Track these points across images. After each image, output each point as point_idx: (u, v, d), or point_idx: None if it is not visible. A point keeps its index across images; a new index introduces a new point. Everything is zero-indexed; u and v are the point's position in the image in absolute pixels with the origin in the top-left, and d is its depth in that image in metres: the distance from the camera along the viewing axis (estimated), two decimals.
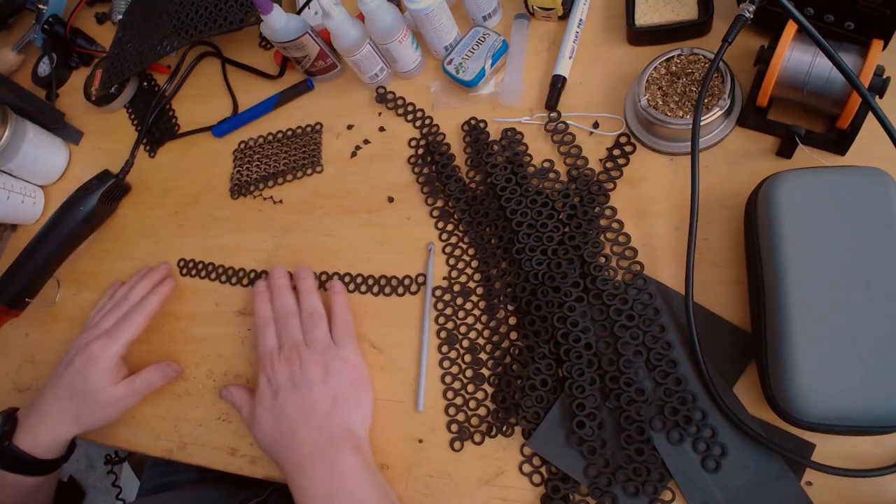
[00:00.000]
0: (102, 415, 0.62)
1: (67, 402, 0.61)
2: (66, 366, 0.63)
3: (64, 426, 0.61)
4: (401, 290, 0.64)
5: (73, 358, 0.62)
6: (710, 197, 0.55)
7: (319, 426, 0.53)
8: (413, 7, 0.62)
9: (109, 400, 0.62)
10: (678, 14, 0.60)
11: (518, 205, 0.60)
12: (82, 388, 0.61)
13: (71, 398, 0.61)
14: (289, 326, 0.58)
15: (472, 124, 0.67)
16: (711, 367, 0.50)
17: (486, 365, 0.58)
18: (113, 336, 0.63)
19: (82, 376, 0.61)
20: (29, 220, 0.87)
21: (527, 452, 0.54)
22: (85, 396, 0.61)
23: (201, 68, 0.87)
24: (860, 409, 0.41)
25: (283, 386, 0.55)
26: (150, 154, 0.84)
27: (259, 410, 0.55)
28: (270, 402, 0.55)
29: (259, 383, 0.57)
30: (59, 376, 0.62)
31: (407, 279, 0.64)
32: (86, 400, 0.61)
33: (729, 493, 0.47)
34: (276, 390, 0.55)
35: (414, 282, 0.63)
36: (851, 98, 0.48)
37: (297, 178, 0.74)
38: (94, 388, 0.61)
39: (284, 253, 0.71)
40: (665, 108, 0.56)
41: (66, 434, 0.62)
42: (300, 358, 0.56)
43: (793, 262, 0.44)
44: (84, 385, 0.61)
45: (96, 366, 0.61)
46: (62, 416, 0.61)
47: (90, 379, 0.61)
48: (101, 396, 0.61)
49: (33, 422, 0.61)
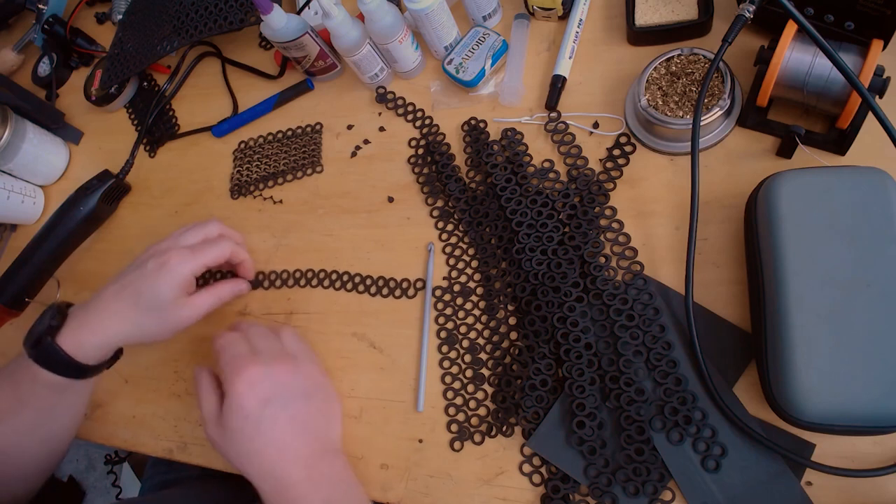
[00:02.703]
0: (163, 329, 0.58)
1: (129, 305, 0.57)
2: (136, 268, 0.58)
3: (119, 329, 0.57)
4: (398, 292, 0.63)
5: (147, 262, 0.58)
6: (710, 197, 0.55)
7: (315, 436, 0.54)
8: (413, 7, 0.62)
9: (175, 314, 0.57)
10: (678, 14, 0.60)
11: (518, 205, 0.60)
12: (151, 295, 0.56)
13: (135, 303, 0.57)
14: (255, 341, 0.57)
15: (472, 124, 0.67)
16: (711, 367, 0.50)
17: (486, 365, 0.58)
18: (196, 252, 0.59)
19: (152, 282, 0.56)
20: (29, 220, 0.87)
21: (527, 452, 0.54)
22: (151, 304, 0.57)
23: (201, 68, 0.87)
24: (860, 409, 0.41)
25: (274, 397, 0.52)
26: (150, 154, 0.84)
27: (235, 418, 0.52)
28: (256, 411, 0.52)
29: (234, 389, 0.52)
30: (126, 277, 0.58)
31: (405, 282, 0.64)
32: (151, 308, 0.57)
33: (729, 493, 0.47)
34: (266, 400, 0.52)
35: (412, 286, 0.63)
36: (851, 98, 0.48)
37: (297, 178, 0.74)
38: (163, 297, 0.56)
39: (284, 253, 0.71)
40: (665, 108, 0.56)
41: (117, 338, 0.57)
42: (280, 366, 0.54)
43: (793, 262, 0.44)
44: (153, 292, 0.56)
45: (171, 276, 0.57)
46: (119, 318, 0.57)
47: (161, 287, 0.56)
48: (169, 309, 0.57)
49: (84, 319, 0.57)
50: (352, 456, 0.59)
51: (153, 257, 0.58)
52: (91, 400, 0.71)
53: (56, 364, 0.55)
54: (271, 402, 0.52)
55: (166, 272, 0.57)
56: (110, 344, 0.57)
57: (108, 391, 0.72)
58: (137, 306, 0.57)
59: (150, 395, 0.70)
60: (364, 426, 0.60)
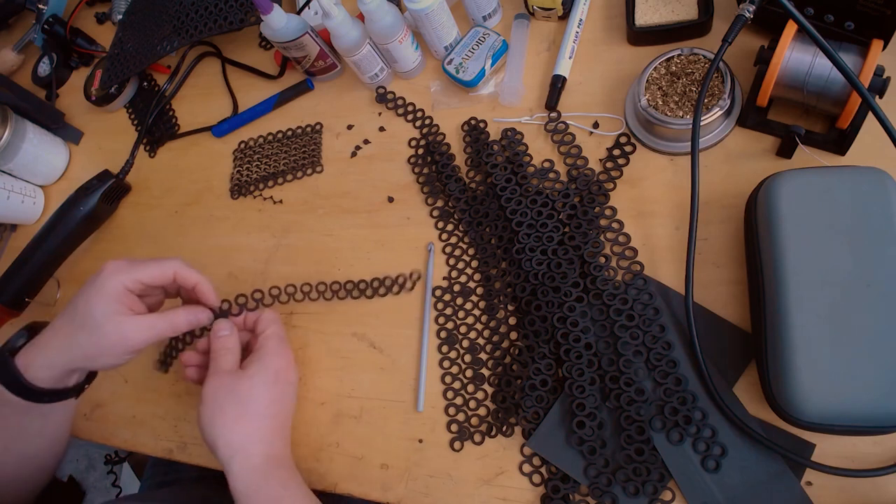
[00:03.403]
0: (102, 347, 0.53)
1: (67, 322, 0.54)
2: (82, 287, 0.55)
3: (58, 351, 0.54)
4: (395, 288, 0.63)
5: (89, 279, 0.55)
6: (710, 197, 0.55)
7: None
8: (413, 7, 0.62)
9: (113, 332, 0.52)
10: (678, 14, 0.60)
11: (518, 205, 0.60)
12: (84, 311, 0.53)
13: (71, 320, 0.54)
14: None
15: (472, 124, 0.67)
16: (711, 367, 0.50)
17: (486, 365, 0.58)
18: (132, 265, 0.55)
19: (85, 297, 0.53)
20: (29, 220, 0.87)
21: (527, 452, 0.54)
22: (84, 321, 0.53)
23: (201, 68, 0.87)
24: (860, 409, 0.41)
25: (294, 384, 0.59)
26: (150, 154, 0.84)
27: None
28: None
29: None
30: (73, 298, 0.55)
31: (401, 277, 0.63)
32: (85, 325, 0.53)
33: (729, 493, 0.47)
34: (290, 383, 0.58)
35: (408, 279, 0.63)
36: (851, 98, 0.48)
37: (297, 178, 0.74)
38: (95, 313, 0.52)
39: (284, 253, 0.71)
40: (665, 108, 0.56)
41: (60, 359, 0.54)
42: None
43: (793, 262, 0.44)
44: (85, 307, 0.53)
45: (101, 288, 0.53)
46: (59, 337, 0.54)
47: (92, 301, 0.53)
48: (105, 326, 0.52)
49: (35, 340, 0.55)
50: (352, 456, 0.59)
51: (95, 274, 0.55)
52: (90, 400, 0.72)
53: (10, 383, 0.53)
54: (292, 384, 0.58)
55: (97, 284, 0.53)
56: (55, 365, 0.54)
57: (108, 391, 0.72)
58: (73, 323, 0.54)
59: (150, 395, 0.70)
60: (364, 426, 0.60)
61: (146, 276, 0.55)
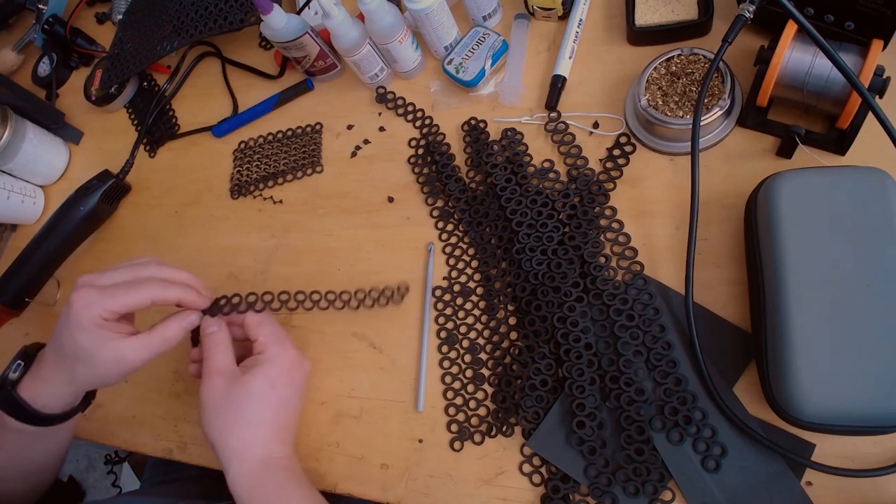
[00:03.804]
0: (103, 374, 0.54)
1: (61, 359, 0.54)
2: (59, 319, 0.55)
3: (62, 383, 0.55)
4: (382, 300, 0.59)
5: (63, 309, 0.54)
6: (710, 197, 0.55)
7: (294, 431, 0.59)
8: (413, 7, 0.62)
9: (109, 359, 0.52)
10: (678, 14, 0.60)
11: (518, 205, 0.60)
12: (72, 346, 0.52)
13: (64, 356, 0.53)
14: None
15: (472, 124, 0.67)
16: (711, 367, 0.50)
17: (486, 365, 0.58)
18: (104, 294, 0.52)
19: (67, 333, 0.52)
20: (29, 220, 0.87)
21: (527, 452, 0.54)
22: (77, 354, 0.52)
23: (201, 68, 0.87)
24: (860, 409, 0.41)
25: (298, 384, 0.58)
26: (150, 154, 0.84)
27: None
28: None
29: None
30: (56, 330, 0.55)
31: (388, 290, 0.59)
32: (79, 358, 0.52)
33: (729, 493, 0.47)
34: (293, 384, 0.57)
35: (396, 292, 0.59)
36: (851, 98, 0.48)
37: (297, 178, 0.74)
38: (84, 345, 0.52)
39: (284, 253, 0.71)
40: (665, 108, 0.56)
41: (65, 391, 0.55)
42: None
43: (793, 262, 0.44)
44: (72, 343, 0.52)
45: (80, 323, 0.51)
46: (59, 373, 0.54)
47: (76, 337, 0.52)
48: (98, 355, 0.52)
49: (36, 370, 0.55)
50: (352, 456, 0.59)
51: (67, 303, 0.53)
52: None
53: (18, 413, 0.54)
54: (296, 387, 0.56)
55: (74, 320, 0.52)
56: (63, 395, 0.55)
57: (108, 391, 0.72)
58: (67, 358, 0.53)
59: (150, 395, 0.70)
60: (364, 426, 0.60)
61: (120, 307, 0.53)
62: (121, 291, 0.53)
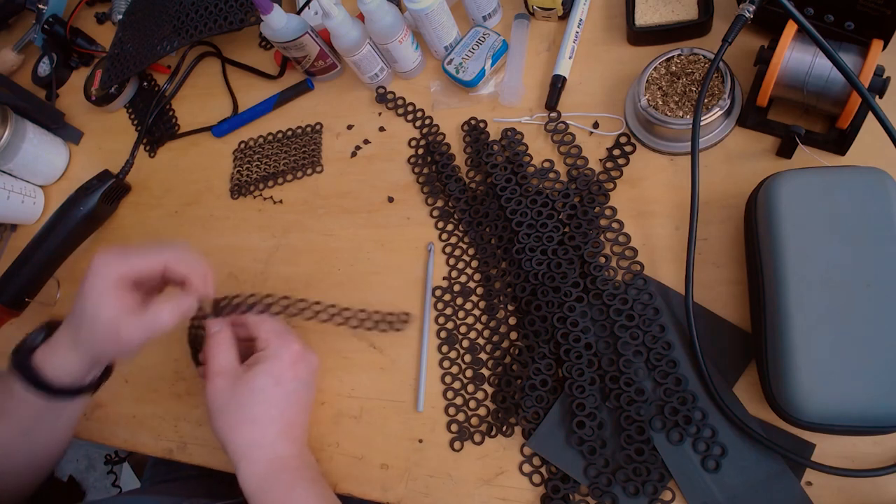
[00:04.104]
0: (105, 346, 0.53)
1: (75, 324, 0.54)
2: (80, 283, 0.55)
3: (72, 350, 0.54)
4: (383, 325, 0.59)
5: (85, 274, 0.54)
6: (710, 197, 0.55)
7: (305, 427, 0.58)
8: (413, 7, 0.62)
9: (110, 333, 0.52)
10: (678, 14, 0.60)
11: (518, 205, 0.60)
12: (82, 311, 0.53)
13: (76, 320, 0.54)
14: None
15: (472, 124, 0.67)
16: (711, 367, 0.50)
17: (486, 365, 0.58)
18: (122, 257, 0.53)
19: (82, 297, 0.53)
20: (29, 220, 0.87)
21: (527, 452, 0.54)
22: (84, 321, 0.53)
23: (201, 68, 0.87)
24: (860, 409, 0.41)
25: (303, 379, 0.57)
26: (150, 154, 0.84)
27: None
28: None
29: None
30: (76, 296, 0.55)
31: (391, 316, 0.60)
32: (85, 325, 0.53)
33: (729, 493, 0.47)
34: (298, 379, 0.56)
35: (398, 320, 0.59)
36: (851, 98, 0.48)
37: (297, 178, 0.74)
38: (92, 313, 0.52)
39: (284, 253, 0.71)
40: (665, 108, 0.56)
41: (73, 359, 0.54)
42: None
43: (793, 262, 0.44)
44: (83, 307, 0.52)
45: (94, 287, 0.52)
46: (67, 338, 0.55)
47: (88, 302, 0.52)
48: (102, 326, 0.52)
49: (51, 339, 0.55)
50: (352, 456, 0.59)
51: (88, 269, 0.54)
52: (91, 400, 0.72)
53: (29, 379, 0.54)
54: (302, 382, 0.56)
55: (90, 283, 0.52)
56: (71, 363, 0.54)
57: (108, 391, 0.71)
58: (77, 323, 0.54)
59: (150, 395, 0.70)
60: (364, 426, 0.60)
61: (137, 265, 0.53)
62: (137, 255, 0.54)
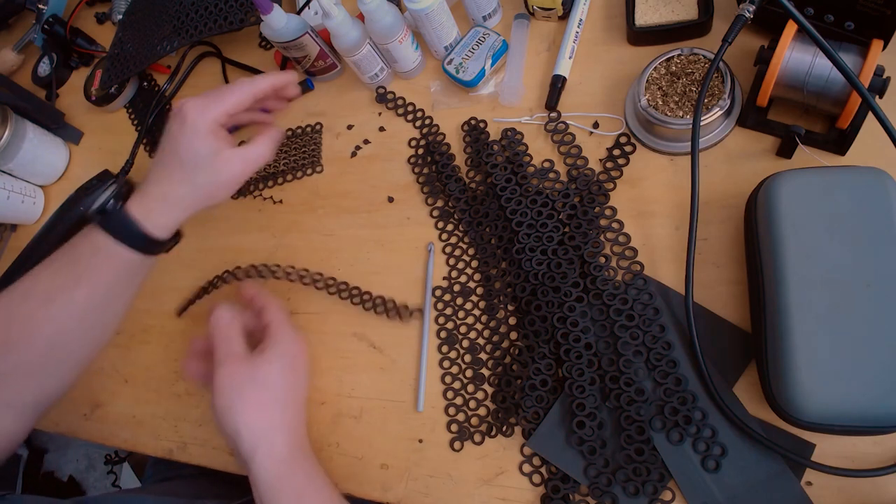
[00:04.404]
0: (220, 182, 0.55)
1: (176, 168, 0.55)
2: (166, 133, 0.56)
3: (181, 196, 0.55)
4: (392, 313, 0.62)
5: (171, 124, 0.55)
6: (710, 197, 0.55)
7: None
8: (413, 7, 0.62)
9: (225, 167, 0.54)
10: (678, 14, 0.60)
11: (518, 205, 0.60)
12: (191, 154, 0.54)
13: (182, 165, 0.54)
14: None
15: (472, 124, 0.67)
16: (711, 367, 0.50)
17: (486, 365, 0.58)
18: (210, 99, 0.55)
19: (185, 143, 0.54)
20: (29, 220, 0.87)
21: (527, 452, 0.54)
22: (197, 162, 0.54)
23: (201, 68, 0.87)
24: (860, 409, 0.41)
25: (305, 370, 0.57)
26: (151, 154, 0.84)
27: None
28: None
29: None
30: (162, 146, 0.56)
31: (402, 307, 0.62)
32: (198, 166, 0.54)
33: (729, 493, 0.47)
34: (303, 369, 0.57)
35: (406, 312, 0.61)
36: (851, 98, 0.48)
37: (297, 178, 0.74)
38: (203, 152, 0.54)
39: (284, 253, 0.71)
40: (665, 108, 0.56)
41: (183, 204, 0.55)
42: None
43: (793, 262, 0.44)
44: (191, 150, 0.54)
45: (196, 129, 0.53)
46: (177, 184, 0.55)
47: (196, 144, 0.54)
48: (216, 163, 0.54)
49: (145, 190, 0.55)
50: (352, 456, 0.59)
51: (174, 117, 0.55)
52: (90, 400, 0.72)
53: (125, 232, 0.53)
54: (305, 372, 0.56)
55: (190, 127, 0.54)
56: (180, 209, 0.55)
57: (109, 391, 0.72)
58: (185, 167, 0.54)
59: (150, 395, 0.70)
60: (364, 426, 0.60)
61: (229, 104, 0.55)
62: (224, 94, 0.55)
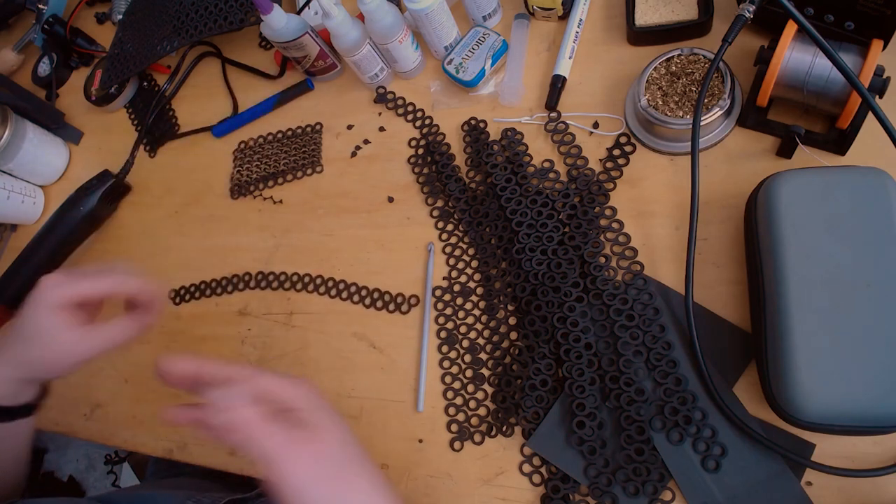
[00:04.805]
0: (50, 358, 0.54)
1: (17, 340, 0.54)
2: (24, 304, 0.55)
3: (12, 366, 0.54)
4: (392, 306, 0.63)
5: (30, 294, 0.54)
6: (710, 197, 0.55)
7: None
8: (413, 7, 0.62)
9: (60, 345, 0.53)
10: (678, 14, 0.60)
11: (518, 205, 0.60)
12: (30, 327, 0.54)
13: (20, 337, 0.54)
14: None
15: (472, 124, 0.67)
16: (711, 367, 0.50)
17: (486, 365, 0.58)
18: (70, 278, 0.54)
19: (29, 314, 0.53)
20: (29, 220, 0.87)
21: (527, 452, 0.54)
22: (32, 335, 0.54)
23: (201, 68, 0.87)
24: (860, 409, 0.41)
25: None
26: (150, 154, 0.84)
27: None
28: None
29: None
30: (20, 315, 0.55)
31: (399, 297, 0.63)
32: (33, 339, 0.54)
33: (729, 493, 0.47)
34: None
35: (406, 301, 0.63)
36: (851, 98, 0.48)
37: (297, 178, 0.74)
38: (41, 327, 0.53)
39: (284, 253, 0.71)
40: (665, 108, 0.56)
41: (14, 375, 0.54)
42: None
43: (793, 262, 0.44)
44: (31, 323, 0.53)
45: (43, 302, 0.53)
46: (10, 355, 0.54)
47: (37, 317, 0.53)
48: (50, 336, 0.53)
49: None
50: None
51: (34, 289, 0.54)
52: (90, 400, 0.72)
53: None
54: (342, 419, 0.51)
55: (37, 300, 0.53)
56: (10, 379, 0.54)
57: (108, 391, 0.72)
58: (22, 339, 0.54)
59: (150, 395, 0.70)
60: (364, 426, 0.60)
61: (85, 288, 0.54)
62: (85, 278, 0.54)
